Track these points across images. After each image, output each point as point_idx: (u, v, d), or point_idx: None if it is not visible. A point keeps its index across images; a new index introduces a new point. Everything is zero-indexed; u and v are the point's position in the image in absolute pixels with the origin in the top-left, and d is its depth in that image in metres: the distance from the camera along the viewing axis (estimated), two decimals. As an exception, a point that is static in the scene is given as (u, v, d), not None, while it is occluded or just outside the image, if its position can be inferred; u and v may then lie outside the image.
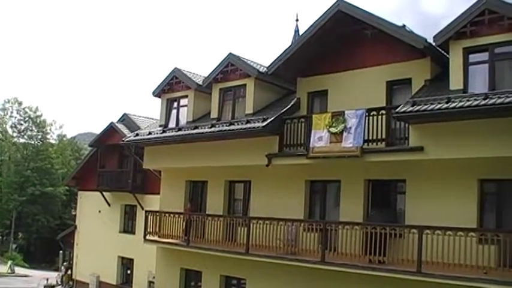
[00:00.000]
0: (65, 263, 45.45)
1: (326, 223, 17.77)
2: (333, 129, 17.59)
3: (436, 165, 16.24)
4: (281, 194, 20.42)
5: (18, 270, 58.54)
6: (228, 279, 22.44)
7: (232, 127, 20.66)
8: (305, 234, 18.19)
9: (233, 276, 22.17)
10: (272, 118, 19.34)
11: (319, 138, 17.90)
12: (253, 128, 19.51)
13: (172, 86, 24.79)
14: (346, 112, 17.48)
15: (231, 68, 22.00)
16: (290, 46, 20.36)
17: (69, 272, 44.20)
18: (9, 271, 56.27)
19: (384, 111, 17.05)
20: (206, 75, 23.20)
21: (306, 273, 18.37)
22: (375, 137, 17.16)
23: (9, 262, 59.20)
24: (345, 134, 17.30)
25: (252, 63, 21.75)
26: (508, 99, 13.79)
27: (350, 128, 17.21)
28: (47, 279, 43.28)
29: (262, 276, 20.21)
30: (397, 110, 15.87)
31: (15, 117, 77.08)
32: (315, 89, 20.25)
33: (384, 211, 17.61)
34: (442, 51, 16.81)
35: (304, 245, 18.18)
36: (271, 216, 19.20)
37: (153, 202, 29.36)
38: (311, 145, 18.11)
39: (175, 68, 24.69)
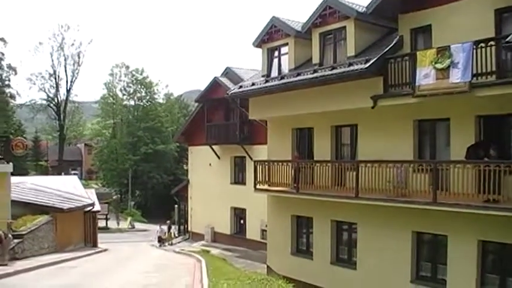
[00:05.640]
0: (167, 221, 47.24)
1: (437, 163, 17.27)
2: (438, 65, 16.87)
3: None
4: (388, 136, 19.98)
5: (138, 225, 61.78)
6: (339, 224, 22.49)
7: (334, 71, 20.36)
8: (415, 175, 17.79)
9: (344, 221, 22.20)
10: (375, 59, 18.88)
11: (425, 75, 17.26)
12: (356, 70, 19.17)
13: (272, 35, 24.69)
14: (451, 46, 16.68)
15: (329, 11, 21.51)
16: (389, -19, 19.63)
17: (172, 229, 45.97)
18: (130, 226, 59.69)
19: (493, 42, 16.04)
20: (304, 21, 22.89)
21: (417, 215, 18.06)
22: (484, 71, 16.21)
23: (129, 218, 62.79)
24: (451, 69, 16.56)
25: (350, 4, 21.19)
26: None
27: (457, 62, 16.42)
28: (164, 232, 45.09)
29: (372, 220, 20.11)
30: (507, 39, 14.95)
31: (124, 80, 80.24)
32: (418, 24, 19.41)
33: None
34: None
35: (414, 187, 17.82)
36: (380, 159, 18.92)
37: (261, 152, 29.80)
38: (417, 83, 17.51)
39: (274, 17, 24.52)
